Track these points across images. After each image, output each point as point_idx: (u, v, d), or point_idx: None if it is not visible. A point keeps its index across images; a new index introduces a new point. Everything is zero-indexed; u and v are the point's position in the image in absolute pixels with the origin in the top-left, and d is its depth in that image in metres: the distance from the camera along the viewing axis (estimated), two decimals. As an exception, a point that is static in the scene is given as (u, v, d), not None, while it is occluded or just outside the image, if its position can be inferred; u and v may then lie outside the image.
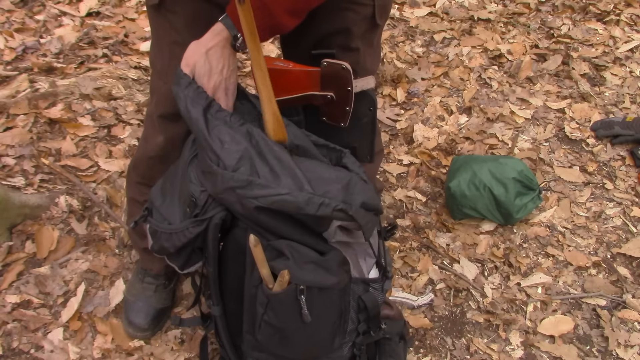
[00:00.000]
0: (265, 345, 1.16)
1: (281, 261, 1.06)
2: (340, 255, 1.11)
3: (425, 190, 2.08)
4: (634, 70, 2.60)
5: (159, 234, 1.15)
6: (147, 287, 1.61)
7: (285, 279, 1.04)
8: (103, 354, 1.57)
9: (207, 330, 1.36)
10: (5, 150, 2.00)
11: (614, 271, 1.87)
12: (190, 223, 1.10)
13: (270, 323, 1.11)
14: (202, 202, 1.08)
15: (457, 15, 2.83)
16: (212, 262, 1.15)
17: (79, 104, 2.20)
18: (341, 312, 1.15)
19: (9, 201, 1.76)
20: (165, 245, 1.14)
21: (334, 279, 1.09)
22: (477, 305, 1.76)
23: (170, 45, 1.23)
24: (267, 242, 1.07)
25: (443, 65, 2.58)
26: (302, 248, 1.07)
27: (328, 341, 1.16)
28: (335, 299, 1.12)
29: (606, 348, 1.67)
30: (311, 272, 1.06)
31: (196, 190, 1.08)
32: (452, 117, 2.34)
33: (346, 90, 1.11)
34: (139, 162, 1.47)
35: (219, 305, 1.23)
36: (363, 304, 1.18)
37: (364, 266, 1.20)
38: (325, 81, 1.12)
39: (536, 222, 1.98)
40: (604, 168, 2.19)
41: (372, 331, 1.22)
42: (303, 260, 1.06)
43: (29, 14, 2.61)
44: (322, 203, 1.01)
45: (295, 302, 1.06)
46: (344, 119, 1.15)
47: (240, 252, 1.10)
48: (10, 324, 1.60)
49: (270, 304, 1.08)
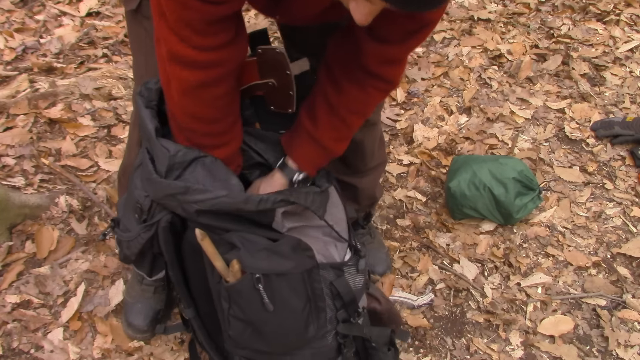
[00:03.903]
0: (240, 340, 1.16)
1: (233, 252, 1.06)
2: (294, 239, 1.10)
3: (425, 190, 2.08)
4: (634, 70, 2.60)
5: (122, 242, 1.18)
6: (146, 288, 1.61)
7: (236, 268, 1.04)
8: (103, 354, 1.57)
9: (193, 334, 1.37)
10: (5, 150, 2.00)
11: (614, 271, 1.87)
12: (141, 229, 1.13)
13: (237, 317, 1.11)
14: (147, 207, 1.11)
15: (457, 15, 2.83)
16: (171, 265, 1.17)
17: (79, 104, 2.20)
18: (308, 298, 1.13)
19: (9, 201, 1.76)
20: (127, 253, 1.18)
21: (289, 264, 1.08)
22: (477, 305, 1.76)
23: (146, 55, 1.21)
24: (218, 236, 1.08)
25: (443, 65, 2.58)
26: (252, 237, 1.07)
27: (300, 329, 1.14)
28: (297, 285, 1.10)
29: (606, 348, 1.67)
30: (264, 259, 1.06)
31: (140, 196, 1.11)
32: (452, 117, 2.34)
33: (285, 74, 1.09)
34: (127, 167, 1.47)
35: (190, 308, 1.25)
36: (336, 290, 1.16)
37: (335, 252, 1.19)
38: (264, 68, 1.10)
39: (536, 222, 1.98)
40: (604, 168, 2.19)
41: (352, 318, 1.19)
42: (255, 248, 1.06)
43: (29, 14, 2.61)
44: (261, 199, 1.03)
45: (254, 292, 1.06)
46: (290, 104, 1.13)
47: (195, 251, 1.10)
48: (10, 324, 1.60)
49: (232, 297, 1.08)
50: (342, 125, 1.16)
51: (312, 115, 1.15)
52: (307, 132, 1.15)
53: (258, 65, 1.10)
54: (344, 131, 1.19)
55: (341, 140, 1.19)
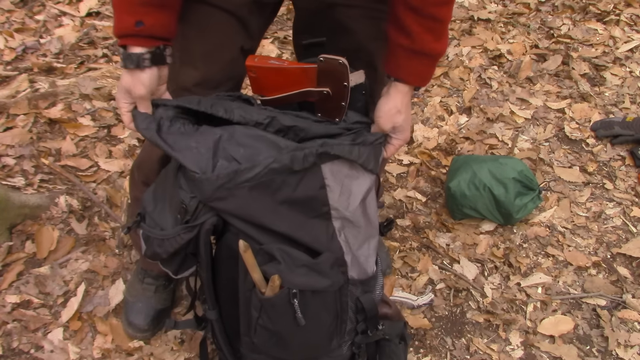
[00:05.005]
0: (262, 347, 1.16)
1: (273, 265, 1.05)
2: (332, 257, 1.10)
3: (425, 190, 2.08)
4: (634, 70, 2.60)
5: (151, 239, 1.15)
6: (147, 287, 1.61)
7: (277, 283, 1.04)
8: (103, 354, 1.57)
9: (205, 332, 1.37)
10: (5, 150, 2.00)
11: (614, 271, 1.87)
12: (182, 229, 1.10)
13: (265, 327, 1.11)
14: (193, 209, 1.09)
15: (457, 15, 2.83)
16: (205, 267, 1.16)
17: (79, 104, 2.20)
18: (337, 314, 1.15)
19: (9, 201, 1.76)
20: (157, 251, 1.15)
21: (326, 282, 1.09)
22: (477, 305, 1.76)
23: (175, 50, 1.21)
24: (258, 246, 1.07)
25: (443, 65, 2.58)
26: (293, 251, 1.07)
27: (325, 342, 1.17)
28: (329, 301, 1.12)
29: (606, 348, 1.67)
30: (303, 275, 1.06)
31: (186, 197, 1.09)
32: (452, 117, 2.34)
33: (342, 86, 1.10)
34: (144, 163, 1.47)
35: (214, 310, 1.24)
36: (361, 305, 1.18)
37: (368, 267, 1.20)
38: (322, 77, 1.11)
39: (536, 222, 1.98)
40: (604, 168, 2.19)
41: (370, 331, 1.21)
42: (295, 264, 1.06)
43: (29, 14, 2.61)
44: (305, 155, 1.02)
45: (288, 306, 1.06)
46: (339, 114, 1.14)
47: (232, 257, 1.10)
48: (10, 324, 1.60)
49: (264, 308, 1.08)
50: (435, 24, 1.09)
51: (401, 29, 1.09)
52: (406, 48, 1.09)
53: (317, 72, 1.10)
54: (439, 28, 1.11)
55: (440, 37, 1.12)
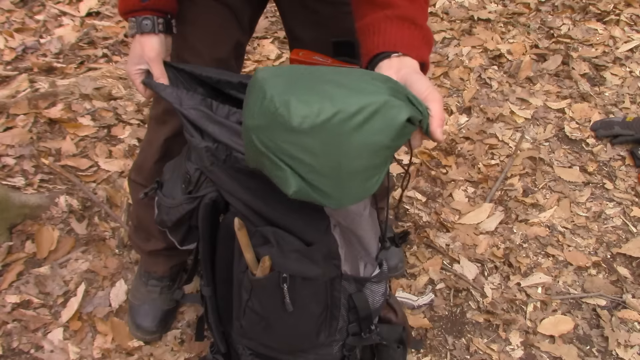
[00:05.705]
0: (250, 332, 1.17)
1: (266, 248, 1.06)
2: (327, 247, 1.10)
3: (425, 190, 2.08)
4: (634, 70, 2.60)
5: (162, 207, 1.18)
6: (152, 290, 1.61)
7: (267, 264, 1.04)
8: (103, 354, 1.57)
9: (205, 312, 1.37)
10: (5, 150, 2.00)
11: (614, 271, 1.87)
12: (185, 199, 1.13)
13: (254, 310, 1.11)
14: (195, 179, 1.11)
15: (457, 15, 2.83)
16: (203, 241, 1.17)
17: (79, 104, 2.20)
18: (326, 306, 1.13)
19: (9, 201, 1.76)
20: (164, 219, 1.18)
21: (317, 270, 1.08)
22: (477, 305, 1.76)
23: None
24: (254, 228, 1.07)
25: (443, 65, 2.58)
26: (287, 236, 1.07)
27: (312, 334, 1.15)
28: (319, 292, 1.11)
29: (606, 348, 1.67)
30: (295, 261, 1.06)
31: (191, 168, 1.11)
32: (452, 117, 2.34)
33: None
34: (142, 165, 1.47)
35: (209, 287, 1.24)
36: (353, 303, 1.16)
37: (362, 268, 1.20)
38: None
39: (536, 222, 1.99)
40: (604, 168, 2.19)
41: (363, 333, 1.19)
42: (288, 249, 1.06)
43: (29, 14, 2.61)
44: None
45: (277, 290, 1.06)
46: None
47: (229, 237, 1.11)
48: (10, 324, 1.60)
49: (254, 290, 1.08)
50: None
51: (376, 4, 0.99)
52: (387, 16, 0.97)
53: None
54: None
55: None
